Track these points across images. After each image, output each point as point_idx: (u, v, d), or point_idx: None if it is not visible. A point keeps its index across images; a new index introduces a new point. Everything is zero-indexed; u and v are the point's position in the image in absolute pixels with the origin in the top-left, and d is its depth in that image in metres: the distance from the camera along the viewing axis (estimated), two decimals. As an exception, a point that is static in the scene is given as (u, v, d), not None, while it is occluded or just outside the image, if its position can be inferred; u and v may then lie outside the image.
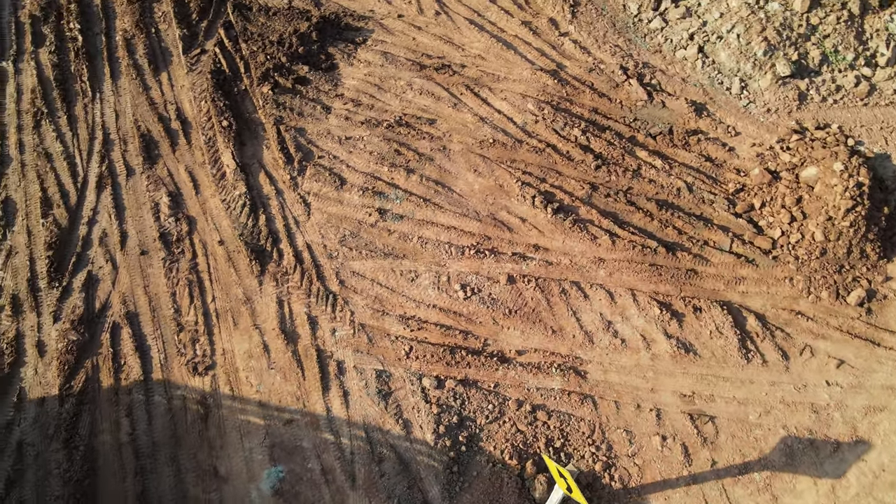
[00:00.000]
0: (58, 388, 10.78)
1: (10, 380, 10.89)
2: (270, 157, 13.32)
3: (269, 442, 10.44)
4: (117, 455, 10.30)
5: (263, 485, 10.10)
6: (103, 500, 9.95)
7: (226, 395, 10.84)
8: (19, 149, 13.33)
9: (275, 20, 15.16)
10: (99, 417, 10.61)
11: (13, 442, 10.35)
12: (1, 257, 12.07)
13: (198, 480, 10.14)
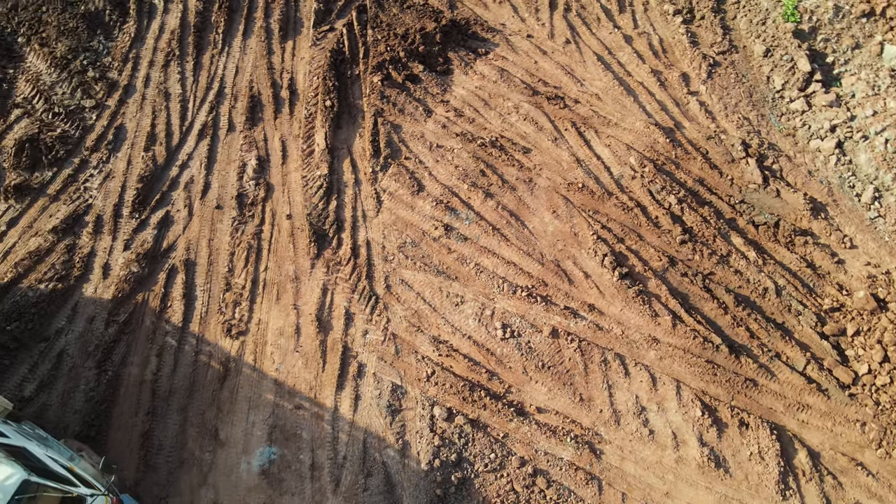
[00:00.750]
0: (108, 311, 11.50)
1: (72, 292, 11.73)
2: (360, 146, 13.46)
3: (272, 421, 10.63)
4: (137, 390, 10.86)
5: (255, 461, 10.31)
6: (113, 428, 10.54)
7: (248, 363, 11.14)
8: (145, 83, 14.27)
9: (406, 14, 15.26)
10: (133, 350, 11.22)
11: (56, 350, 11.16)
12: (100, 178, 12.99)
13: (198, 437, 10.50)
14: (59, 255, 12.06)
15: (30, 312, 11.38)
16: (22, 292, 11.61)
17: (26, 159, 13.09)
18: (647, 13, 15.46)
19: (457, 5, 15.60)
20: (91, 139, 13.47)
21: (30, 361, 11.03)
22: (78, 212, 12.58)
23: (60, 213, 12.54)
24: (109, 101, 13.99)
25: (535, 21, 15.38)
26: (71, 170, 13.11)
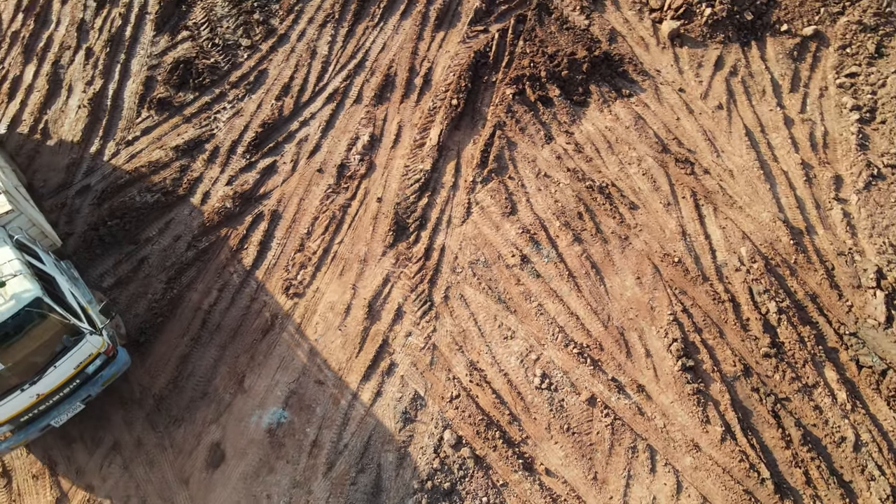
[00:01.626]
0: (193, 235, 12.31)
1: (171, 209, 12.67)
2: (470, 152, 13.37)
3: (294, 387, 10.94)
4: (191, 315, 11.58)
5: (266, 417, 10.67)
6: (160, 341, 11.32)
7: (293, 325, 11.51)
8: (299, 37, 14.99)
9: (563, 35, 14.88)
10: (201, 278, 11.96)
11: (140, 256, 12.13)
12: (230, 113, 13.87)
13: (226, 377, 11.04)
14: (173, 171, 13.04)
15: (131, 215, 12.42)
16: (132, 195, 12.68)
17: (177, 78, 14.21)
18: (820, 100, 14.04)
19: (617, 39, 14.98)
20: (235, 76, 14.38)
21: (116, 258, 12.07)
22: (201, 138, 13.51)
23: (187, 135, 13.52)
24: (263, 45, 14.83)
25: (692, 76, 14.44)
26: (209, 98, 14.08)
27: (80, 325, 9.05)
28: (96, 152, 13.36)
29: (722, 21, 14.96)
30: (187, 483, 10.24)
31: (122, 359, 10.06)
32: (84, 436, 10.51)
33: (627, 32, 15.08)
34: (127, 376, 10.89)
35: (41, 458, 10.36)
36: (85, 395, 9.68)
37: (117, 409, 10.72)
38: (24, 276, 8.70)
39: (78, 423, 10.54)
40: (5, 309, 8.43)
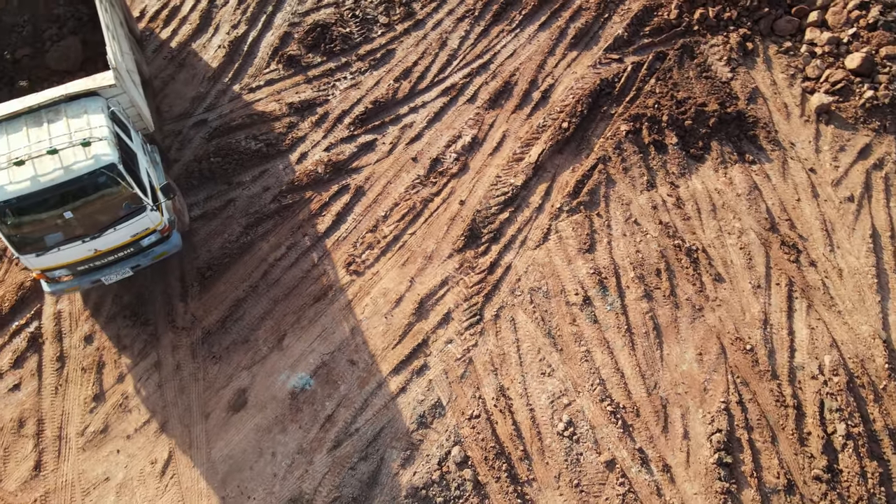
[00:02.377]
0: (280, 190, 12.84)
1: (269, 160, 13.26)
2: (566, 178, 13.02)
3: (327, 359, 11.21)
4: (256, 264, 12.12)
5: (293, 380, 11.02)
6: (221, 280, 11.94)
7: (345, 300, 11.76)
8: (434, 25, 15.13)
9: (699, 83, 14.09)
10: (275, 232, 12.47)
11: (229, 197, 12.82)
12: (348, 83, 14.29)
13: (269, 331, 11.48)
14: (282, 126, 13.63)
15: (233, 157, 13.13)
16: (239, 139, 13.40)
17: (311, 40, 14.79)
18: (970, 219, 12.46)
19: (757, 101, 13.99)
20: (364, 49, 14.76)
21: (208, 193, 12.82)
22: (316, 101, 14.01)
23: (304, 95, 14.07)
24: (399, 26, 15.11)
25: (829, 158, 13.25)
26: (334, 65, 14.56)
27: (143, 199, 10.07)
28: (220, 92, 14.19)
29: (881, 107, 13.59)
30: (207, 417, 10.77)
31: (175, 241, 10.96)
32: (135, 345, 11.31)
33: (771, 96, 14.04)
34: (185, 308, 11.58)
35: (93, 354, 11.26)
36: (135, 263, 10.70)
37: (167, 330, 11.43)
38: (108, 143, 9.71)
39: (130, 332, 11.36)
40: (84, 165, 9.49)
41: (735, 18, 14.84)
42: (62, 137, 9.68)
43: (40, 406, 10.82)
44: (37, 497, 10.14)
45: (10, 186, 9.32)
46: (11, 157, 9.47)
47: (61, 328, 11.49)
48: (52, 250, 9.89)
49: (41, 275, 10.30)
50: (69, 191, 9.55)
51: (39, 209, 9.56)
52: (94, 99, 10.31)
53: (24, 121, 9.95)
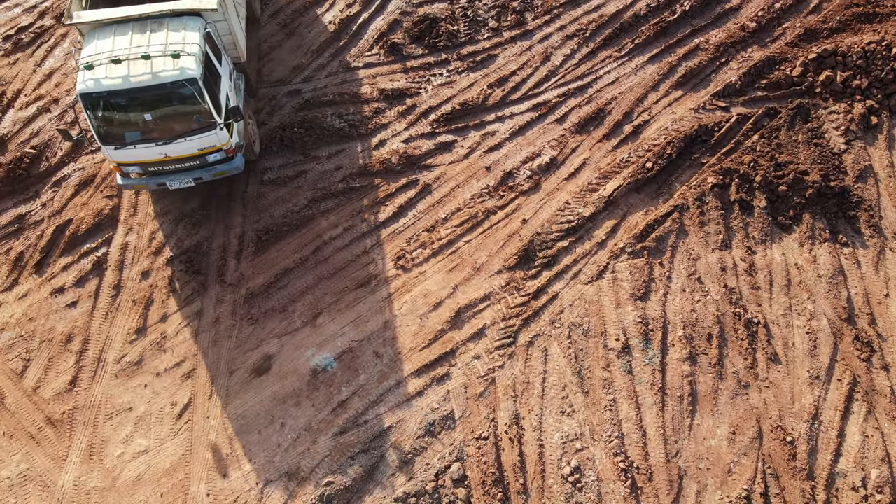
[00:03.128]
0: (351, 172, 13.08)
1: (348, 140, 13.52)
2: (636, 219, 12.53)
3: (354, 345, 11.36)
4: (311, 239, 12.41)
5: (317, 358, 11.25)
6: (275, 247, 12.31)
7: (385, 293, 11.87)
8: (542, 39, 14.87)
9: (806, 148, 13.16)
10: (336, 211, 12.72)
11: (301, 168, 13.17)
12: (442, 81, 14.32)
13: (307, 305, 11.76)
14: (369, 110, 13.87)
15: (316, 131, 13.50)
16: (325, 114, 13.75)
17: (417, 31, 14.92)
18: None
19: (867, 180, 12.90)
20: (467, 50, 14.74)
21: (284, 161, 13.26)
22: (408, 92, 14.14)
23: (397, 84, 14.24)
24: (506, 33, 14.98)
25: (934, 258, 12.04)
26: (433, 60, 14.63)
27: (215, 117, 10.97)
28: (321, 66, 14.59)
29: None
30: (231, 374, 11.19)
31: (237, 163, 11.81)
32: (184, 290, 11.88)
33: (885, 178, 12.91)
34: (237, 266, 12.04)
35: (146, 290, 11.93)
36: (198, 175, 11.63)
37: (217, 284, 11.92)
38: (195, 59, 10.61)
39: (183, 277, 11.93)
40: (170, 75, 10.42)
41: (865, 88, 13.72)
42: (158, 46, 10.64)
43: (89, 327, 11.58)
44: (66, 409, 10.88)
45: (105, 80, 10.40)
46: (112, 55, 10.49)
47: (124, 259, 12.24)
48: (129, 147, 10.93)
49: (117, 167, 11.44)
50: (153, 95, 10.52)
51: (125, 107, 10.63)
52: (194, 19, 11.19)
53: (131, 26, 10.97)
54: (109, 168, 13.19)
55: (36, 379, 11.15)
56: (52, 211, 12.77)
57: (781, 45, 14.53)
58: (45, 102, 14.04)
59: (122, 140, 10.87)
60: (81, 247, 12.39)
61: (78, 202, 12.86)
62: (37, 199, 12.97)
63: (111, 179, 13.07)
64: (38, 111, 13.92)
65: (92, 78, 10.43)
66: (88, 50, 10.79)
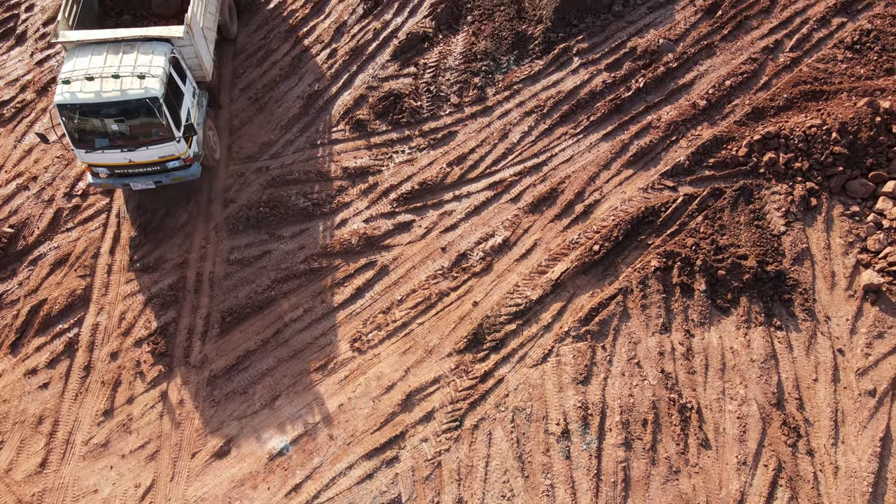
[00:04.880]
0: (313, 252, 13.72)
1: (311, 220, 14.15)
2: (582, 302, 13.18)
3: (310, 429, 12.01)
4: (272, 320, 13.07)
5: (274, 441, 11.97)
6: (237, 328, 12.96)
7: (342, 374, 12.53)
8: (501, 116, 15.51)
9: (748, 230, 13.80)
10: (298, 293, 13.37)
11: (267, 248, 13.81)
12: (404, 157, 14.94)
13: (266, 388, 12.45)
14: (332, 189, 14.54)
15: (281, 210, 14.21)
16: (290, 193, 14.42)
17: (381, 108, 15.59)
18: None
19: (804, 262, 13.55)
20: (428, 126, 15.40)
21: (249, 240, 13.93)
22: (370, 169, 14.81)
23: (360, 161, 14.90)
24: (468, 109, 15.64)
25: (863, 343, 12.71)
26: (396, 136, 15.30)
27: (174, 132, 12.55)
28: (288, 142, 15.26)
29: (936, 301, 12.83)
30: (192, 457, 11.87)
31: (193, 171, 13.33)
32: (150, 372, 12.54)
33: (821, 260, 13.55)
34: (201, 347, 12.71)
35: (114, 371, 12.59)
36: (158, 179, 13.13)
37: (182, 366, 12.60)
38: (159, 80, 12.20)
39: (149, 359, 12.59)
40: (135, 93, 12.03)
41: (806, 170, 14.37)
42: (128, 67, 12.24)
43: (59, 409, 12.27)
44: (35, 492, 11.57)
45: (80, 94, 12.03)
46: (87, 72, 12.12)
47: (95, 339, 12.93)
48: (98, 151, 12.49)
49: (87, 167, 13.00)
50: (120, 109, 12.10)
51: (96, 117, 12.18)
52: (163, 44, 12.75)
53: (107, 47, 12.57)
54: (84, 247, 13.87)
55: (8, 461, 11.83)
56: (27, 290, 13.44)
57: (730, 123, 15.17)
58: (25, 180, 14.71)
59: (93, 145, 12.43)
60: (54, 327, 13.07)
61: (52, 281, 13.54)
62: (13, 277, 13.64)
63: (84, 258, 13.75)
64: (18, 188, 14.60)
65: (69, 91, 12.04)
66: (68, 66, 12.37)
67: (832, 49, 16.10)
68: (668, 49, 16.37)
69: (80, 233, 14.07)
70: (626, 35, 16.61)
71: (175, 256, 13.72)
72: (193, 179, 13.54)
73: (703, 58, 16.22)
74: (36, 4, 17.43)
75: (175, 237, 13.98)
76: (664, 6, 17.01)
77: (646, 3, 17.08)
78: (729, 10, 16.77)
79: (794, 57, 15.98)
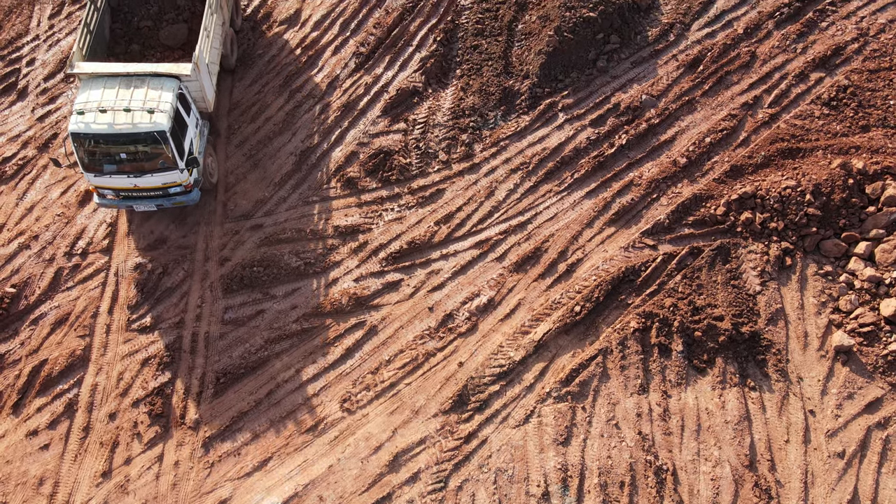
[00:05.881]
0: (305, 311, 14.20)
1: (303, 279, 14.65)
2: (563, 362, 13.64)
3: (301, 490, 12.49)
4: (265, 381, 13.54)
5: (265, 502, 12.38)
6: (231, 389, 13.43)
7: (332, 435, 13.00)
8: (488, 172, 16.02)
9: (724, 290, 14.30)
10: (290, 352, 13.85)
11: (261, 308, 14.30)
12: (393, 215, 15.43)
13: (259, 449, 12.91)
14: (323, 247, 15.02)
15: (273, 270, 14.67)
16: (283, 252, 14.90)
17: (371, 165, 16.08)
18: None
19: (778, 322, 14.05)
20: (417, 184, 15.90)
21: (243, 300, 14.39)
22: (360, 228, 15.30)
23: (351, 219, 15.39)
24: (455, 166, 16.14)
25: (833, 403, 13.24)
26: (386, 194, 15.79)
27: (178, 161, 13.61)
28: (281, 199, 15.75)
29: (904, 363, 13.34)
30: (187, 516, 12.35)
31: (193, 196, 14.42)
32: (147, 433, 13.03)
33: (795, 320, 14.05)
34: (197, 408, 13.21)
35: (112, 432, 13.07)
36: (160, 202, 14.19)
37: (177, 427, 13.09)
38: (167, 115, 13.27)
39: (146, 419, 13.07)
40: (144, 126, 13.09)
41: (781, 230, 14.86)
42: (138, 101, 13.27)
43: (59, 470, 12.76)
44: (36, 554, 12.06)
45: (94, 125, 13.07)
46: (100, 105, 13.17)
47: (93, 400, 13.42)
48: (106, 176, 13.57)
49: (95, 189, 14.07)
50: (129, 139, 13.14)
51: (106, 146, 13.25)
52: (171, 80, 13.79)
53: (119, 81, 13.58)
54: (83, 306, 14.37)
55: (11, 523, 12.33)
56: (29, 350, 13.93)
57: (709, 180, 15.68)
58: (26, 238, 15.20)
59: (101, 170, 13.49)
60: (55, 387, 13.56)
61: (53, 341, 14.03)
62: (16, 337, 14.14)
63: (84, 318, 14.24)
64: (19, 248, 15.09)
65: (82, 121, 13.09)
66: (82, 97, 13.39)
67: (810, 105, 16.62)
68: (651, 105, 16.88)
69: (80, 292, 14.54)
70: (610, 90, 17.10)
71: (172, 316, 14.21)
72: (193, 205, 14.77)
73: (684, 113, 16.72)
74: (37, 59, 17.91)
75: (172, 296, 14.47)
76: (647, 60, 17.51)
77: (629, 57, 17.58)
78: (710, 64, 17.27)
79: (772, 113, 16.49)
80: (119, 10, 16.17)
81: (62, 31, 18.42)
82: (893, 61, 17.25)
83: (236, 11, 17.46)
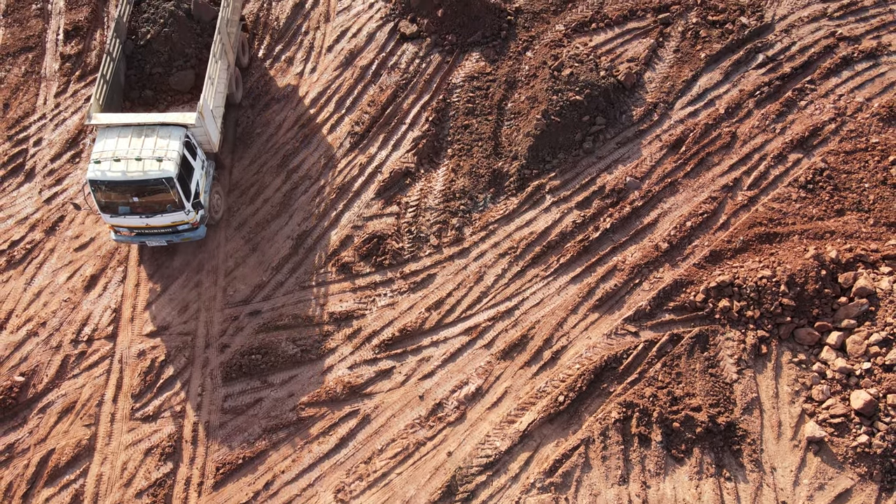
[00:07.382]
0: (301, 400, 14.85)
1: (300, 366, 15.29)
2: (547, 451, 14.25)
3: None
4: (263, 472, 14.19)
5: (264, 592, 13.02)
6: (231, 479, 14.06)
7: None
8: (478, 256, 16.67)
9: (702, 378, 14.93)
10: (287, 442, 14.50)
11: (259, 396, 14.95)
12: (386, 301, 16.09)
13: None
14: (319, 334, 15.67)
15: (271, 357, 15.30)
16: (281, 339, 15.53)
17: (365, 250, 16.74)
18: None
19: (753, 412, 14.68)
20: (409, 269, 16.55)
21: (242, 387, 15.02)
22: (354, 314, 15.95)
23: (345, 305, 16.05)
24: (446, 250, 16.80)
25: (804, 495, 13.88)
26: (380, 279, 16.44)
27: (185, 203, 15.15)
28: (279, 283, 16.41)
29: (872, 455, 13.96)
30: None
31: (200, 232, 15.95)
32: None
33: (769, 409, 14.69)
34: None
35: None
36: (169, 238, 15.71)
37: (179, 517, 13.73)
38: (174, 163, 14.80)
39: None
40: (153, 173, 14.63)
41: (757, 318, 15.49)
42: (148, 150, 14.79)
43: (67, 562, 13.40)
44: None
45: (109, 173, 14.61)
46: (115, 154, 14.71)
47: (98, 490, 14.07)
48: (121, 216, 15.12)
49: (112, 227, 15.65)
50: (141, 185, 14.66)
51: (121, 191, 14.74)
52: (178, 129, 15.27)
53: (132, 130, 15.14)
54: (89, 394, 15.02)
55: None
56: (37, 439, 14.58)
57: (689, 265, 16.33)
58: (34, 325, 15.86)
59: (116, 211, 15.02)
60: (62, 478, 14.20)
61: (60, 430, 14.68)
62: (24, 426, 14.79)
63: (89, 407, 14.89)
64: (28, 335, 15.75)
65: (99, 169, 14.60)
66: (98, 147, 14.93)
67: (787, 188, 17.28)
68: (634, 187, 17.55)
69: (86, 379, 15.20)
70: (596, 171, 17.77)
71: (174, 405, 14.86)
72: (199, 240, 16.22)
73: (666, 195, 17.38)
74: (44, 139, 18.60)
75: (173, 384, 15.13)
76: (632, 140, 18.18)
77: (614, 137, 18.25)
78: (692, 145, 17.94)
79: (751, 196, 17.16)
80: (133, 58, 17.76)
81: (68, 109, 19.10)
82: (869, 141, 17.92)
83: (242, 51, 18.83)
